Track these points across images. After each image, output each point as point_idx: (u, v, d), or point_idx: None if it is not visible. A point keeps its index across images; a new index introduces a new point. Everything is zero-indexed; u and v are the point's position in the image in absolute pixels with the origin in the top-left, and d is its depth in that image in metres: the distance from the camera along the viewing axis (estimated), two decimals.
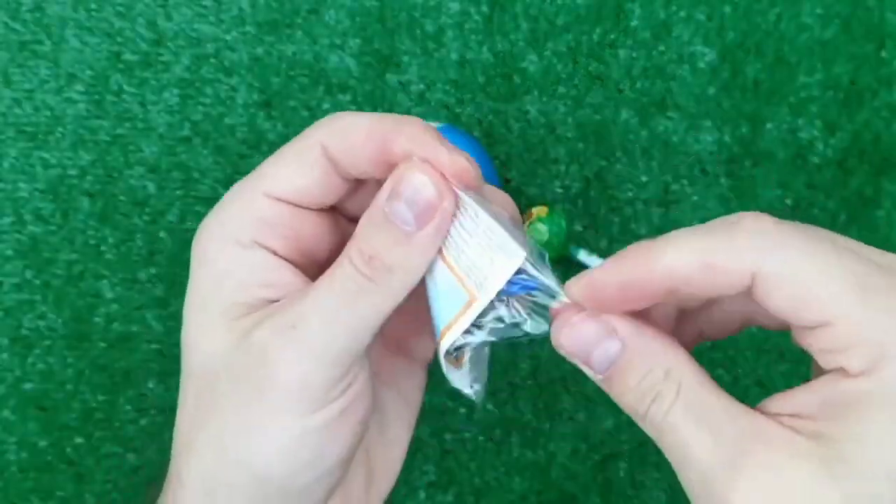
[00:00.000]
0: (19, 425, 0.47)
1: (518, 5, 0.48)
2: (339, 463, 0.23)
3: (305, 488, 0.23)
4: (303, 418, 0.22)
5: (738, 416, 0.21)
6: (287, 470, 0.22)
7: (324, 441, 0.22)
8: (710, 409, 0.21)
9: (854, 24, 0.48)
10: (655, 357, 0.22)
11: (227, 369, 0.22)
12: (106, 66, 0.49)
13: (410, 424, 0.27)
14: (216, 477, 0.23)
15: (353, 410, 0.23)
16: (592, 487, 0.46)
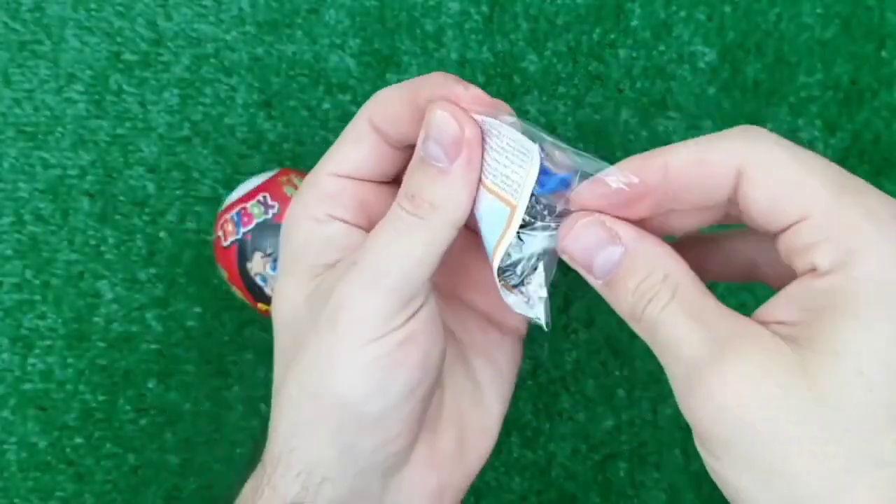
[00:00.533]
0: (19, 425, 0.47)
1: (518, 5, 0.48)
2: (406, 393, 0.25)
3: (380, 418, 0.24)
4: (367, 346, 0.24)
5: (728, 317, 0.22)
6: (356, 396, 0.24)
7: (388, 368, 0.24)
8: (703, 310, 0.22)
9: (854, 23, 0.48)
10: (655, 261, 0.23)
11: (307, 313, 0.25)
12: (106, 66, 0.49)
13: (504, 397, 0.29)
14: (300, 412, 0.25)
15: (415, 343, 0.25)
16: (592, 487, 0.46)
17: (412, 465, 0.26)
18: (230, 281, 0.42)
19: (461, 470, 0.27)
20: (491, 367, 0.29)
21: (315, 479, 0.25)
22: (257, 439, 0.44)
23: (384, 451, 0.25)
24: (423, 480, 0.26)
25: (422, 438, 0.27)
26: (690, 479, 0.46)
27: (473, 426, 0.28)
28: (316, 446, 0.25)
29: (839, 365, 0.19)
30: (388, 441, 0.25)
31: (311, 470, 0.25)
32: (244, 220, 0.41)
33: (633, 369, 0.47)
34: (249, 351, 0.47)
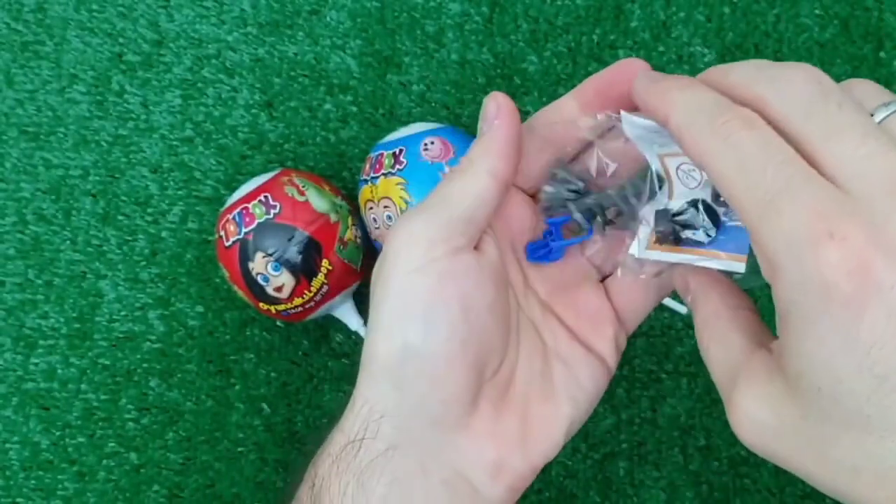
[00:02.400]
0: (22, 424, 0.47)
1: (518, 6, 0.48)
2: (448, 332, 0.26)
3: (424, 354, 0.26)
4: (410, 274, 0.26)
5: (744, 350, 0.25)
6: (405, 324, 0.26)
7: (428, 299, 0.26)
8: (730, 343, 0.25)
9: (853, 25, 0.48)
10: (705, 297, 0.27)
11: None
12: (108, 67, 0.49)
13: (579, 405, 0.30)
14: (368, 343, 0.27)
15: (456, 282, 0.26)
16: (592, 486, 0.46)
17: (471, 431, 0.27)
18: (232, 280, 0.42)
19: (522, 455, 0.28)
20: (569, 374, 0.30)
21: (374, 415, 0.27)
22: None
23: (433, 395, 0.27)
24: (480, 449, 0.28)
25: (483, 409, 0.28)
26: (690, 477, 0.46)
27: (539, 418, 0.29)
28: (374, 380, 0.27)
29: (805, 382, 0.21)
30: (434, 382, 0.26)
31: (371, 406, 0.27)
32: (246, 220, 0.41)
33: (632, 369, 0.47)
34: (251, 350, 0.47)
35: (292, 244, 0.41)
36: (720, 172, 0.22)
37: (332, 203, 0.43)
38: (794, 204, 0.20)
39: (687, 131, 0.23)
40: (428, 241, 0.26)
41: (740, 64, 0.24)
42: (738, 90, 0.23)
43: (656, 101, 0.24)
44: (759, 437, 0.23)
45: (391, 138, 0.43)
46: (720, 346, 0.26)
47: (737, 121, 0.22)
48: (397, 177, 0.42)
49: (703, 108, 0.23)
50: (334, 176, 0.48)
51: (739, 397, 0.23)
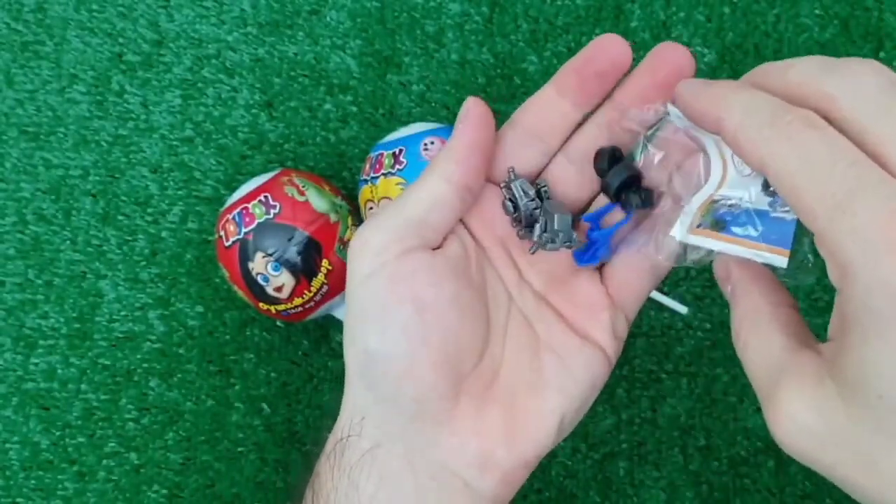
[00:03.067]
0: (22, 424, 0.47)
1: (518, 6, 0.48)
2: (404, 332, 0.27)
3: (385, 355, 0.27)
4: (365, 280, 0.27)
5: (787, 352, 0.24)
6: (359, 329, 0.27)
7: (382, 302, 0.27)
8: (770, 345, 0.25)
9: (853, 25, 0.48)
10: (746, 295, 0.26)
11: None
12: (108, 67, 0.49)
13: (572, 397, 0.29)
14: (345, 358, 0.28)
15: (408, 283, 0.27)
16: (592, 486, 0.46)
17: (453, 426, 0.28)
18: (232, 280, 0.42)
19: (508, 449, 0.28)
20: (561, 366, 0.29)
21: (357, 416, 0.28)
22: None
23: (403, 394, 0.27)
24: (463, 443, 0.27)
25: (465, 403, 0.28)
26: (690, 477, 0.46)
27: (526, 411, 0.29)
28: (352, 383, 0.28)
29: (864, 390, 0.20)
30: (401, 382, 0.27)
31: (353, 409, 0.28)
32: (246, 220, 0.41)
33: (632, 368, 0.47)
34: (251, 350, 0.47)
35: (292, 244, 0.41)
36: (784, 173, 0.21)
37: (332, 203, 0.43)
38: (868, 205, 0.19)
39: (744, 134, 0.22)
40: (379, 245, 0.27)
41: (800, 60, 0.23)
42: (800, 88, 0.22)
43: (707, 105, 0.24)
44: (802, 442, 0.22)
45: (391, 138, 0.43)
46: (760, 343, 0.25)
47: (799, 121, 0.21)
48: (397, 177, 0.42)
49: (761, 110, 0.22)
50: (334, 176, 0.48)
51: (784, 399, 0.22)
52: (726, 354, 0.47)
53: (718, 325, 0.47)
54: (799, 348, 0.24)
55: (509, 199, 0.30)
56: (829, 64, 0.22)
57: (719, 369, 0.46)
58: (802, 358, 0.23)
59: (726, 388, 0.46)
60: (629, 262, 0.30)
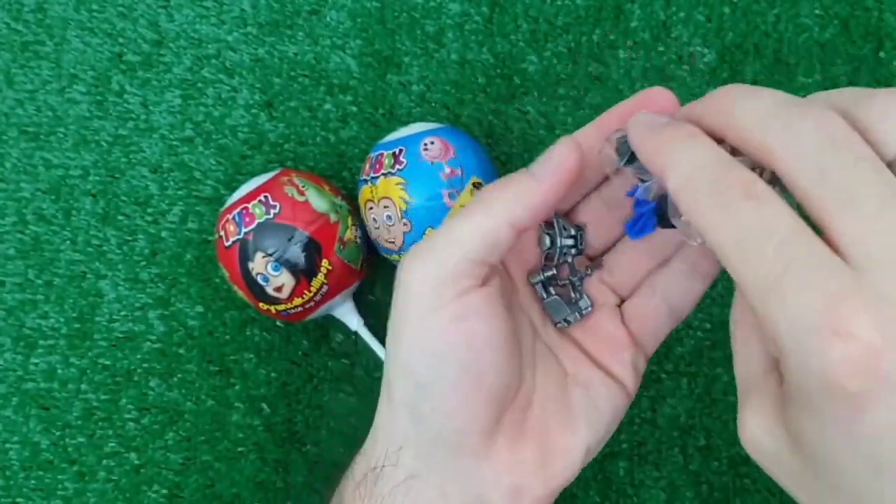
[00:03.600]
0: (22, 424, 0.47)
1: (518, 6, 0.48)
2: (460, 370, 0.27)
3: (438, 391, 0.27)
4: (423, 320, 0.26)
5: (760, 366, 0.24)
6: (416, 365, 0.27)
7: (441, 342, 0.26)
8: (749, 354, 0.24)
9: (853, 25, 0.48)
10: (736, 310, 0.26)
11: None
12: (108, 67, 0.49)
13: (597, 431, 0.30)
14: (387, 378, 0.28)
15: (467, 323, 0.26)
16: (592, 486, 0.46)
17: (491, 458, 0.28)
18: (232, 280, 0.42)
19: (542, 481, 0.29)
20: (587, 399, 0.30)
21: (394, 445, 0.28)
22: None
23: (449, 425, 0.27)
24: (499, 476, 0.28)
25: (502, 436, 0.28)
26: (690, 477, 0.46)
27: (558, 444, 0.29)
28: (393, 412, 0.28)
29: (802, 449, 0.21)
30: (449, 415, 0.27)
31: (390, 437, 0.28)
32: (246, 220, 0.41)
33: None
34: (251, 350, 0.47)
35: (292, 244, 0.41)
36: (719, 247, 0.21)
37: (331, 203, 0.43)
38: (797, 291, 0.19)
39: (685, 197, 0.22)
40: (439, 283, 0.26)
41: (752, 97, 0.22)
42: (744, 133, 0.22)
43: (653, 153, 0.23)
44: (758, 455, 0.23)
45: (391, 138, 0.43)
46: (744, 348, 0.25)
47: (736, 188, 0.20)
48: (397, 177, 0.42)
49: (701, 172, 0.21)
50: (334, 176, 0.48)
51: (747, 417, 0.23)
52: (726, 354, 0.47)
53: (718, 324, 0.47)
54: (770, 369, 0.23)
55: (547, 233, 0.30)
56: (777, 108, 0.21)
57: (719, 369, 0.46)
58: (769, 383, 0.23)
59: (726, 388, 0.46)
60: (648, 306, 0.31)
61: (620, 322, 0.31)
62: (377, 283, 0.47)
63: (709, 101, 0.23)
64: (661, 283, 0.31)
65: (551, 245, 0.30)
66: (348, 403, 0.47)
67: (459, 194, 0.41)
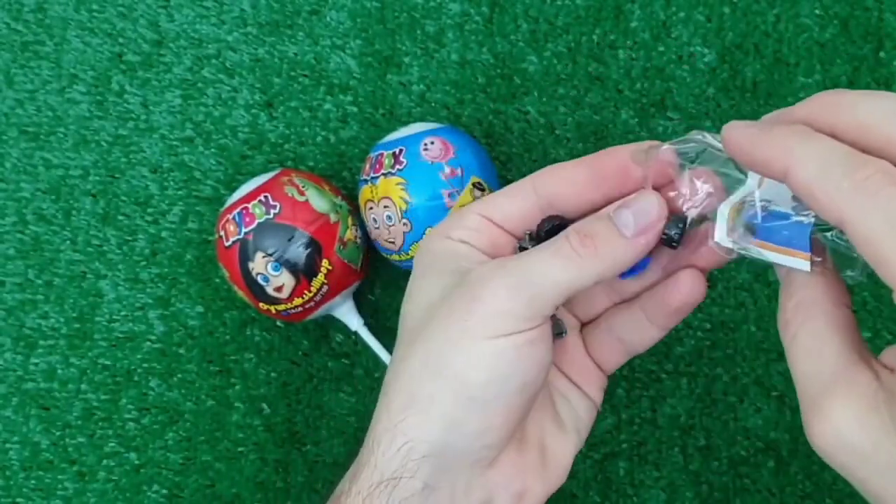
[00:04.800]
0: (22, 424, 0.47)
1: (518, 6, 0.48)
2: (519, 387, 0.27)
3: (489, 404, 0.27)
4: (496, 338, 0.27)
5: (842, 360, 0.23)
6: (478, 380, 0.27)
7: (512, 361, 0.27)
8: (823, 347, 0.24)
9: (853, 24, 0.48)
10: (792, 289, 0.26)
11: (444, 300, 0.28)
12: (108, 67, 0.49)
13: (581, 435, 0.32)
14: (421, 385, 0.28)
15: (536, 347, 0.27)
16: (592, 486, 0.46)
17: (500, 466, 0.29)
18: (232, 280, 0.42)
19: (542, 483, 0.30)
20: (571, 408, 0.32)
21: (416, 454, 0.28)
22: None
23: (483, 440, 0.28)
24: (508, 481, 0.29)
25: (510, 447, 0.30)
26: (690, 477, 0.46)
27: (554, 448, 0.31)
28: (425, 421, 0.28)
29: None
30: (489, 429, 0.28)
31: (414, 445, 0.28)
32: (246, 220, 0.41)
33: (632, 368, 0.47)
34: (251, 350, 0.47)
35: (292, 244, 0.41)
36: (867, 232, 0.21)
37: (332, 203, 0.43)
38: None
39: (821, 188, 0.22)
40: (521, 312, 0.27)
41: (870, 97, 0.22)
42: (872, 131, 0.22)
43: (771, 154, 0.23)
44: (842, 454, 0.22)
45: (391, 138, 0.43)
46: (813, 341, 0.24)
47: (880, 175, 0.21)
48: (397, 177, 0.42)
49: (836, 162, 0.22)
50: (334, 176, 0.48)
51: (833, 411, 0.22)
52: (726, 354, 0.47)
53: (718, 324, 0.47)
54: (856, 360, 0.23)
55: None
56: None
57: (719, 369, 0.46)
58: (858, 374, 0.23)
59: (726, 388, 0.46)
60: (606, 342, 0.32)
61: (584, 352, 0.33)
62: (377, 283, 0.47)
63: (814, 103, 0.24)
64: (618, 325, 0.32)
65: None
66: (348, 403, 0.47)
67: (459, 194, 0.41)
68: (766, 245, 0.25)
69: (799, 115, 0.24)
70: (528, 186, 0.30)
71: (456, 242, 0.30)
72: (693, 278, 0.29)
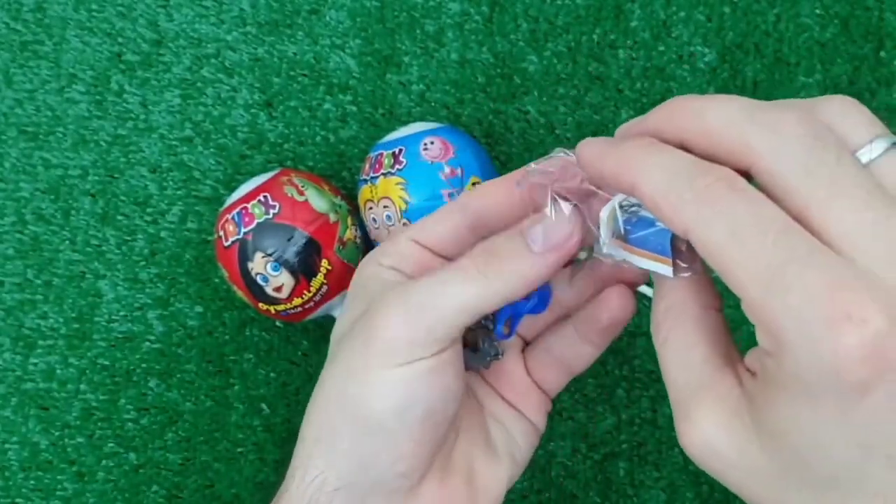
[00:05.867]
0: (21, 425, 0.47)
1: (518, 5, 0.48)
2: (424, 417, 0.26)
3: (396, 435, 0.26)
4: (393, 369, 0.26)
5: (707, 367, 0.23)
6: (381, 410, 0.26)
7: (413, 390, 0.26)
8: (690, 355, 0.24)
9: (853, 24, 0.48)
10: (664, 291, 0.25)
11: (350, 329, 0.28)
12: (107, 67, 0.49)
13: (517, 462, 0.31)
14: (328, 417, 0.27)
15: (439, 376, 0.26)
16: (592, 486, 0.46)
17: (420, 497, 0.28)
18: (231, 280, 0.42)
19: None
20: (506, 434, 0.31)
21: (328, 487, 0.27)
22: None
23: (394, 469, 0.27)
24: None
25: (432, 476, 0.28)
26: (690, 477, 0.46)
27: (483, 476, 0.30)
28: (333, 454, 0.27)
29: (781, 447, 0.21)
30: (399, 459, 0.27)
31: (326, 478, 0.27)
32: (245, 220, 0.41)
33: (632, 369, 0.47)
34: (250, 350, 0.47)
35: (292, 244, 0.41)
36: (710, 243, 0.20)
37: (331, 203, 0.43)
38: (803, 280, 0.18)
39: (664, 200, 0.21)
40: (419, 340, 0.26)
41: (719, 101, 0.22)
42: (719, 135, 0.21)
43: (617, 170, 0.23)
44: (710, 460, 0.22)
45: (391, 138, 0.43)
46: (681, 346, 0.24)
47: (721, 183, 0.20)
48: (397, 177, 0.41)
49: (678, 173, 0.21)
50: (334, 176, 0.48)
51: (699, 416, 0.22)
52: None
53: None
54: (721, 366, 0.23)
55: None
56: (750, 110, 0.21)
57: None
58: (723, 380, 0.23)
59: None
60: (545, 362, 0.32)
61: (524, 372, 0.32)
62: None
63: (664, 112, 0.23)
64: (554, 344, 0.31)
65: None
66: None
67: (459, 194, 0.41)
68: (634, 251, 0.25)
69: (649, 125, 0.23)
70: (456, 208, 0.29)
71: (385, 269, 0.29)
72: (621, 295, 0.29)
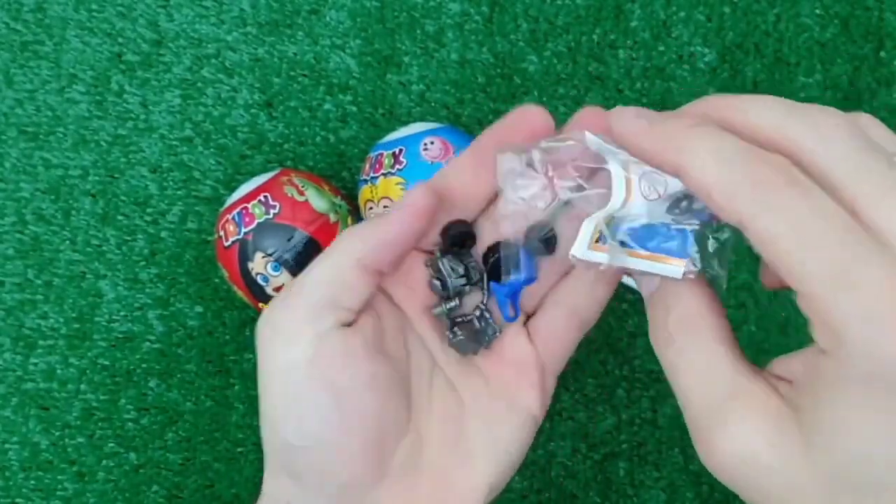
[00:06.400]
0: (21, 425, 0.47)
1: (518, 5, 0.48)
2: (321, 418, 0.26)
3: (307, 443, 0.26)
4: (274, 372, 0.26)
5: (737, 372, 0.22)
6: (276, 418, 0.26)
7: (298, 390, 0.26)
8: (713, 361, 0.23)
9: (853, 24, 0.48)
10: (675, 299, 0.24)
11: None
12: (107, 67, 0.49)
13: (499, 462, 0.29)
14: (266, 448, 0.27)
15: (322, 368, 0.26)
16: (592, 486, 0.46)
17: (385, 498, 0.27)
18: (231, 280, 0.42)
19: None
20: (487, 433, 0.29)
21: (280, 501, 0.27)
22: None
23: (330, 482, 0.26)
24: None
25: (391, 481, 0.27)
26: (690, 477, 0.46)
27: (455, 481, 0.28)
28: (273, 473, 0.27)
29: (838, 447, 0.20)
30: (327, 471, 0.26)
31: (274, 493, 0.27)
32: (245, 220, 0.41)
33: (632, 369, 0.47)
34: (250, 350, 0.47)
35: (292, 244, 0.41)
36: (770, 235, 0.20)
37: (331, 203, 0.43)
38: (870, 276, 0.18)
39: (717, 190, 0.20)
40: (290, 330, 0.26)
41: (759, 100, 0.21)
42: (766, 132, 0.21)
43: (663, 147, 0.22)
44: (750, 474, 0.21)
45: (391, 138, 0.43)
46: (700, 356, 0.23)
47: (779, 176, 0.20)
48: (397, 177, 0.41)
49: (731, 159, 0.20)
50: (334, 176, 0.48)
51: (737, 428, 0.21)
52: None
53: None
54: (751, 375, 0.22)
55: (437, 278, 0.28)
56: (794, 109, 0.21)
57: None
58: (758, 388, 0.22)
59: None
60: (555, 318, 0.30)
61: (527, 340, 0.30)
62: None
63: (702, 106, 0.22)
64: (563, 292, 0.30)
65: (443, 288, 0.28)
66: None
67: None
68: (637, 253, 0.24)
69: (697, 111, 0.23)
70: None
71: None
72: None
